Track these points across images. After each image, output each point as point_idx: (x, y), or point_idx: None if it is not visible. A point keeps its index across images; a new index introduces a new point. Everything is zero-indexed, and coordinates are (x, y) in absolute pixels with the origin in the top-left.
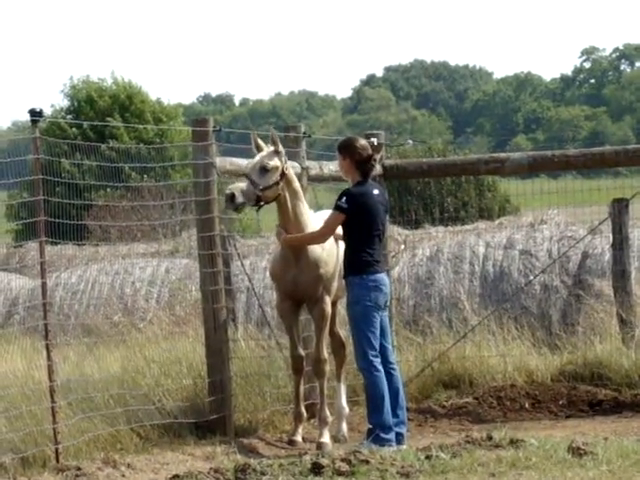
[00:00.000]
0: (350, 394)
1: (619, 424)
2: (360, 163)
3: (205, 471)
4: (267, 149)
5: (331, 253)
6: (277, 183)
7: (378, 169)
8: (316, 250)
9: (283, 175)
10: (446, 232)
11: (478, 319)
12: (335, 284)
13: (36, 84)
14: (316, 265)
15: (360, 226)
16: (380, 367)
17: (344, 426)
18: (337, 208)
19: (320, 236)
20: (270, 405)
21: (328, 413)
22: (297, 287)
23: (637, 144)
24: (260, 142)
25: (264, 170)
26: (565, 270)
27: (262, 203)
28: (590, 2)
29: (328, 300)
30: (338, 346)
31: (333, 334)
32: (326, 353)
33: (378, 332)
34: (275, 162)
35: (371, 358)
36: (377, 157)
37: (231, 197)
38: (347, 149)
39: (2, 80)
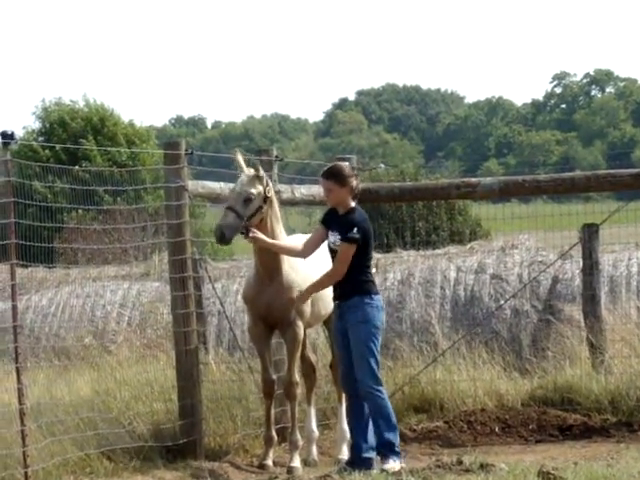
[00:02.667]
0: (320, 418)
1: (589, 449)
2: (354, 189)
3: None
4: (247, 172)
5: (306, 278)
6: (261, 207)
7: None
8: (290, 274)
9: (266, 199)
10: (417, 256)
11: (449, 343)
12: (308, 309)
13: (7, 106)
14: (290, 288)
15: (365, 250)
16: None
17: (314, 450)
18: (351, 240)
19: (339, 274)
20: (241, 429)
21: (299, 437)
22: (270, 311)
23: (607, 169)
24: (242, 164)
25: (248, 200)
26: (536, 295)
27: (249, 230)
28: (561, 28)
29: (301, 324)
30: (309, 370)
31: (304, 358)
32: (298, 376)
33: None
34: (258, 189)
35: (380, 378)
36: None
37: (221, 236)
38: (344, 177)
39: None
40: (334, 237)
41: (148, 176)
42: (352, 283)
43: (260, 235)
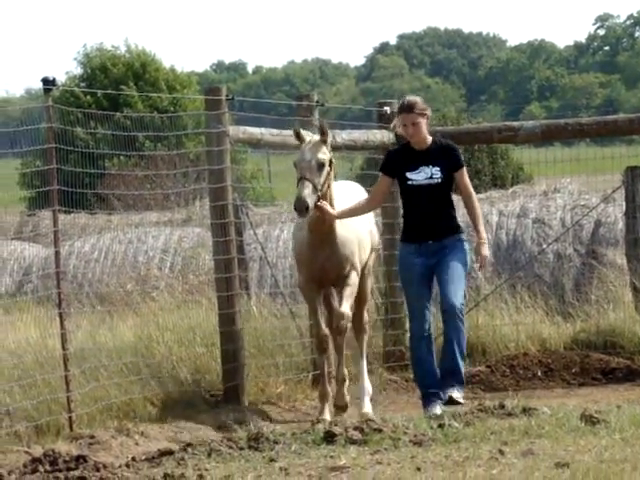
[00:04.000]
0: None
1: (632, 392)
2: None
3: (218, 440)
4: (311, 138)
5: (357, 231)
6: (329, 174)
7: (391, 138)
8: (342, 232)
9: (331, 164)
10: (459, 200)
11: (491, 288)
12: (358, 260)
13: (49, 52)
14: (343, 246)
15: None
16: None
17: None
18: (464, 165)
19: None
20: (283, 374)
21: (346, 372)
22: (326, 272)
23: None
24: (302, 133)
25: (321, 167)
26: (578, 238)
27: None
28: None
29: (355, 275)
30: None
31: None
32: (349, 310)
33: None
34: (327, 155)
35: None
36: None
37: (306, 209)
38: (425, 109)
39: (15, 48)
40: (428, 171)
41: (189, 122)
42: (451, 221)
43: (327, 207)
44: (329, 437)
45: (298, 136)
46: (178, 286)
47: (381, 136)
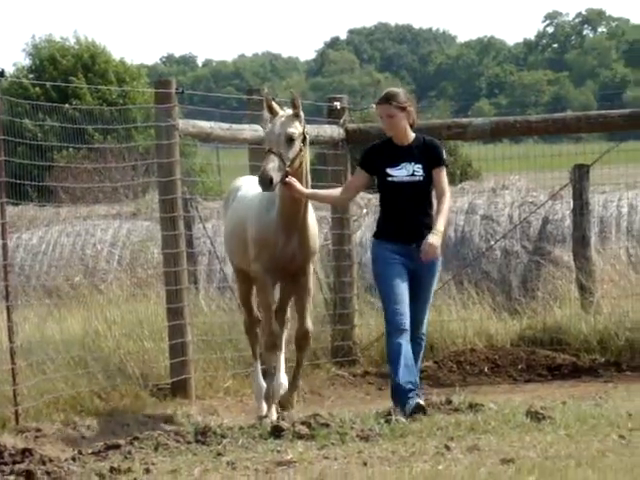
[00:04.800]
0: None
1: (577, 388)
2: (411, 116)
3: (165, 434)
4: (283, 112)
5: (315, 223)
6: (300, 150)
7: (341, 133)
8: (312, 223)
9: (304, 139)
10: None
11: (439, 284)
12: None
13: None
14: (312, 237)
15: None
16: None
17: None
18: (446, 164)
19: (450, 198)
20: (231, 368)
21: (300, 382)
22: (289, 262)
23: (599, 110)
24: (274, 105)
25: (290, 141)
26: (526, 235)
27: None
28: None
29: (311, 275)
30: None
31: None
32: (312, 326)
33: None
34: (298, 129)
35: None
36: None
37: (269, 182)
38: (404, 101)
39: None
40: (410, 168)
41: (139, 115)
42: (427, 221)
43: (297, 184)
44: (276, 432)
45: (270, 109)
46: (126, 279)
47: (331, 131)
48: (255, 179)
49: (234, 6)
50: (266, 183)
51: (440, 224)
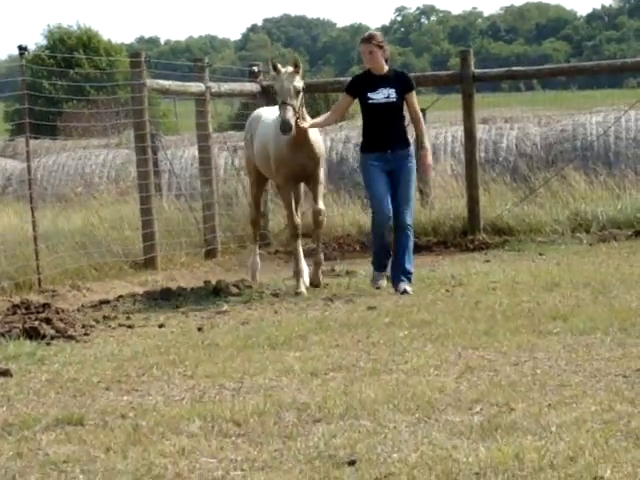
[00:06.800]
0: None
1: (417, 261)
2: (386, 53)
3: (140, 293)
4: (285, 70)
5: (317, 135)
6: (302, 98)
7: (258, 88)
8: (313, 136)
9: (303, 89)
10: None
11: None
12: (323, 158)
13: (22, 29)
14: (317, 146)
15: None
16: None
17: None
18: (415, 89)
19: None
20: (184, 249)
21: (322, 256)
22: (304, 169)
23: (432, 72)
24: (278, 65)
25: (298, 93)
26: None
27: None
28: None
29: (322, 172)
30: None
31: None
32: (324, 206)
33: None
34: (301, 83)
35: None
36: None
37: (289, 129)
38: (381, 41)
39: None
40: (386, 92)
41: (121, 77)
42: (404, 134)
43: (303, 123)
44: (216, 291)
45: (275, 68)
46: (112, 190)
47: (250, 87)
48: (270, 109)
49: (185, 2)
50: (286, 130)
51: (426, 142)
